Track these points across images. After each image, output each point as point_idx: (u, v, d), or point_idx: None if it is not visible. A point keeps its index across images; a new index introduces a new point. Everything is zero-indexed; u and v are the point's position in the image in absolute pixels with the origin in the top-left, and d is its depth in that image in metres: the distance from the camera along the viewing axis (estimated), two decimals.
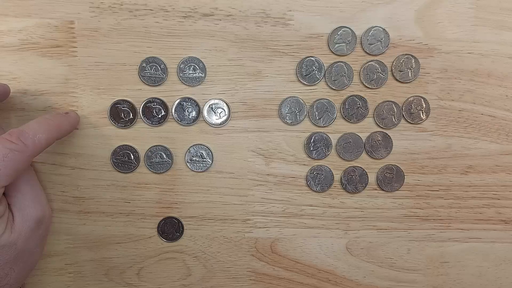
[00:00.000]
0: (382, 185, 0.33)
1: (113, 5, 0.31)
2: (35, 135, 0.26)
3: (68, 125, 0.30)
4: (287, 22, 0.32)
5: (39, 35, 0.31)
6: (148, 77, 0.31)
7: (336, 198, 0.33)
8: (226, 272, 0.34)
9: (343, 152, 0.33)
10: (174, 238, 0.33)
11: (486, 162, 0.34)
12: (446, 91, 0.33)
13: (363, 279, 0.34)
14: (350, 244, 0.34)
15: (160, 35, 0.31)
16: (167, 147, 0.32)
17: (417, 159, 0.33)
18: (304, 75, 0.32)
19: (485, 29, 0.33)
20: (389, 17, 0.32)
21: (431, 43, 0.32)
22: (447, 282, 0.35)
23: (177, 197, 0.33)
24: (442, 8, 0.32)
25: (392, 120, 0.33)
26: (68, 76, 0.31)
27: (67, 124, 0.30)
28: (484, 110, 0.33)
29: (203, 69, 0.31)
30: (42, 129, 0.27)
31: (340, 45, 0.32)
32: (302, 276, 0.34)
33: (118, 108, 0.31)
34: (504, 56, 0.33)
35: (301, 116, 0.32)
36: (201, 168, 0.32)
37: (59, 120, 0.29)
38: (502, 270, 0.35)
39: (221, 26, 0.31)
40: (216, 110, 0.32)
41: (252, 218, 0.33)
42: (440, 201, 0.34)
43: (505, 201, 0.34)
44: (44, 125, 0.27)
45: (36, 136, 0.26)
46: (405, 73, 0.32)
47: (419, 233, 0.34)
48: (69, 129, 0.30)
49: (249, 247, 0.33)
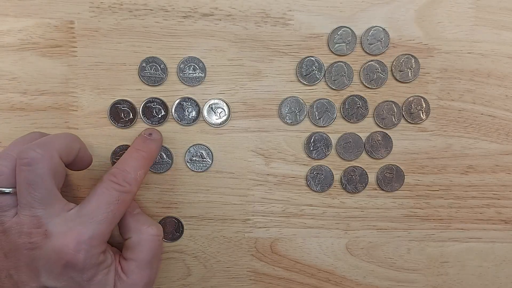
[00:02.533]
0: (382, 185, 0.33)
1: (113, 5, 0.31)
2: (136, 173, 0.27)
3: (157, 149, 0.30)
4: (287, 22, 0.32)
5: (39, 35, 0.31)
6: (148, 77, 0.31)
7: (336, 198, 0.33)
8: (226, 272, 0.34)
9: (343, 152, 0.33)
10: (174, 238, 0.33)
11: (486, 162, 0.34)
12: (446, 91, 0.33)
13: (363, 279, 0.34)
14: (350, 244, 0.34)
15: (160, 35, 0.31)
16: (167, 147, 0.32)
17: (417, 159, 0.33)
18: (304, 75, 0.32)
19: (485, 29, 0.33)
20: (389, 17, 0.32)
21: (431, 43, 0.32)
22: (447, 282, 0.35)
23: (177, 197, 0.33)
24: (442, 8, 0.32)
25: (392, 120, 0.33)
26: (68, 76, 0.31)
27: (156, 149, 0.30)
28: (484, 110, 0.33)
29: (203, 69, 0.31)
30: (139, 165, 0.28)
31: (340, 45, 0.32)
32: (302, 276, 0.34)
33: (118, 108, 0.31)
34: (504, 56, 0.33)
35: (301, 116, 0.32)
36: (201, 168, 0.32)
37: (149, 148, 0.29)
38: (502, 270, 0.35)
39: (221, 26, 0.31)
40: (216, 110, 0.32)
41: (252, 218, 0.33)
42: (440, 201, 0.34)
43: (505, 201, 0.34)
44: (140, 160, 0.28)
45: (137, 174, 0.27)
46: (405, 73, 0.32)
47: (419, 233, 0.34)
48: (158, 153, 0.31)
49: (249, 247, 0.33)
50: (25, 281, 0.24)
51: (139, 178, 0.27)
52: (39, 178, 0.24)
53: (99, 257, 0.26)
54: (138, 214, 0.29)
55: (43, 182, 0.24)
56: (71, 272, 0.25)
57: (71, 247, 0.24)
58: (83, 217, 0.25)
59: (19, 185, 0.24)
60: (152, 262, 0.28)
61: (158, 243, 0.28)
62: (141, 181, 0.28)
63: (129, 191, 0.26)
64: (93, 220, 0.25)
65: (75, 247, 0.24)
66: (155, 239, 0.28)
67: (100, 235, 0.25)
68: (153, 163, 0.30)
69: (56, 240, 0.24)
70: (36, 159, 0.24)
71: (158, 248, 0.28)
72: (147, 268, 0.28)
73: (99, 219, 0.25)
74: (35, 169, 0.24)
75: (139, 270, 0.27)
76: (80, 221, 0.25)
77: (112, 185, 0.26)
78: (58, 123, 0.31)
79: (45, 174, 0.24)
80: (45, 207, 0.24)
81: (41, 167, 0.24)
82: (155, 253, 0.28)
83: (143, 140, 0.30)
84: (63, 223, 0.25)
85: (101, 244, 0.26)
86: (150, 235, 0.28)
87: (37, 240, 0.24)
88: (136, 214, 0.29)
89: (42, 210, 0.24)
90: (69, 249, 0.24)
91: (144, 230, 0.28)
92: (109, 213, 0.25)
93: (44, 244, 0.24)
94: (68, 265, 0.24)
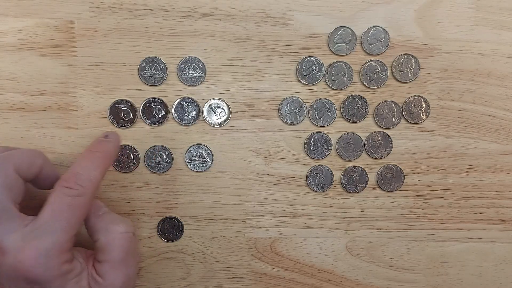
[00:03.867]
0: (382, 185, 0.33)
1: (113, 5, 0.31)
2: (89, 174, 0.26)
3: (113, 150, 0.29)
4: (287, 22, 0.32)
5: (39, 35, 0.31)
6: (148, 77, 0.31)
7: (336, 198, 0.33)
8: (226, 272, 0.34)
9: (343, 152, 0.33)
10: (174, 238, 0.33)
11: (486, 162, 0.34)
12: (446, 91, 0.33)
13: (363, 279, 0.34)
14: (350, 244, 0.34)
15: (160, 35, 0.31)
16: (167, 147, 0.32)
17: (417, 159, 0.33)
18: (304, 75, 0.32)
19: (485, 29, 0.33)
20: (389, 17, 0.32)
21: (431, 43, 0.32)
22: (447, 282, 0.35)
23: (177, 197, 0.33)
24: (442, 8, 0.32)
25: (392, 120, 0.33)
26: (68, 76, 0.31)
27: (112, 149, 0.29)
28: (484, 110, 0.33)
29: (203, 69, 0.31)
30: (93, 165, 0.26)
31: (340, 45, 0.32)
32: (302, 276, 0.34)
33: (118, 108, 0.31)
34: (504, 56, 0.33)
35: (301, 116, 0.32)
36: (201, 168, 0.32)
37: (104, 148, 0.28)
38: (502, 270, 0.35)
39: (221, 26, 0.31)
40: (216, 110, 0.32)
41: (252, 218, 0.33)
42: (440, 201, 0.34)
43: (505, 201, 0.34)
44: (94, 161, 0.27)
45: (91, 175, 0.26)
46: (405, 73, 0.32)
47: (419, 233, 0.34)
48: (116, 153, 0.29)
49: (249, 247, 0.33)
50: None
51: (94, 179, 0.26)
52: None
53: (61, 268, 0.24)
54: (104, 214, 0.28)
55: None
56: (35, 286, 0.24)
57: (27, 263, 0.23)
58: (37, 229, 0.24)
59: None
60: (126, 260, 0.27)
61: (128, 240, 0.27)
62: (97, 181, 0.26)
63: (83, 193, 0.25)
64: (47, 232, 0.24)
65: (31, 263, 0.23)
66: (125, 237, 0.27)
67: (57, 245, 0.24)
68: (110, 164, 0.28)
69: (13, 257, 0.23)
70: None
71: (130, 245, 0.27)
72: (122, 267, 0.26)
73: (53, 229, 0.24)
74: None
75: (114, 271, 0.26)
76: (34, 234, 0.24)
77: (63, 190, 0.25)
78: (58, 123, 0.31)
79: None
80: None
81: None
82: (127, 250, 0.27)
83: (98, 141, 0.29)
84: (19, 239, 0.23)
85: (60, 254, 0.24)
86: (119, 233, 0.26)
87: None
88: (102, 215, 0.28)
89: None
90: (26, 265, 0.23)
91: (111, 229, 0.27)
92: (63, 221, 0.24)
93: (1, 262, 0.23)
94: (29, 281, 0.23)
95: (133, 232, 0.27)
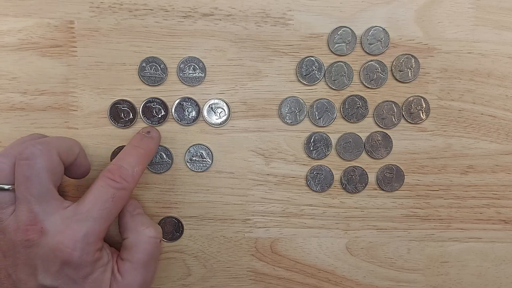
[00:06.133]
0: (382, 185, 0.33)
1: (113, 5, 0.31)
2: (133, 170, 0.27)
3: (155, 147, 0.30)
4: (287, 22, 0.32)
5: (39, 35, 0.31)
6: (148, 77, 0.31)
7: (336, 198, 0.33)
8: (226, 272, 0.34)
9: (343, 152, 0.33)
10: (174, 238, 0.33)
11: (486, 162, 0.34)
12: (446, 91, 0.33)
13: (363, 279, 0.34)
14: (350, 244, 0.34)
15: (160, 35, 0.31)
16: (167, 147, 0.32)
17: (417, 159, 0.33)
18: (304, 75, 0.32)
19: (485, 29, 0.33)
20: (389, 17, 0.32)
21: (431, 43, 0.32)
22: (447, 282, 0.35)
23: (177, 197, 0.33)
24: (442, 8, 0.32)
25: (392, 120, 0.33)
26: (68, 76, 0.31)
27: (154, 147, 0.30)
28: (484, 110, 0.33)
29: (203, 69, 0.31)
30: (137, 161, 0.27)
31: (340, 45, 0.32)
32: (302, 276, 0.34)
33: (118, 108, 0.31)
34: (504, 56, 0.33)
35: (301, 116, 0.32)
36: (201, 168, 0.32)
37: (147, 145, 0.29)
38: (502, 270, 0.35)
39: (221, 26, 0.31)
40: (216, 110, 0.32)
41: (252, 218, 0.33)
42: (440, 201, 0.34)
43: (505, 201, 0.34)
44: (137, 157, 0.28)
45: (134, 170, 0.27)
46: (405, 73, 0.32)
47: (419, 233, 0.34)
48: (156, 151, 0.30)
49: (249, 247, 0.33)
50: (24, 280, 0.25)
51: (136, 175, 0.27)
52: (36, 173, 0.24)
53: (95, 255, 0.25)
54: (138, 215, 0.29)
55: (40, 177, 0.24)
56: (67, 269, 0.25)
57: (66, 245, 0.24)
58: (78, 214, 0.25)
59: (17, 180, 0.25)
60: (148, 264, 0.28)
61: (155, 245, 0.28)
62: (138, 177, 0.27)
63: (125, 187, 0.26)
64: (88, 218, 0.25)
65: (70, 245, 0.24)
66: (152, 241, 0.28)
67: (96, 232, 0.25)
68: (151, 160, 0.30)
69: (52, 238, 0.24)
70: (35, 154, 0.24)
71: (155, 250, 0.28)
72: (142, 269, 0.27)
73: (94, 217, 0.25)
74: (33, 164, 0.24)
75: (134, 271, 0.27)
76: (75, 218, 0.25)
77: (108, 181, 0.26)
78: (58, 123, 0.31)
79: (42, 169, 0.24)
80: (41, 203, 0.24)
81: (39, 162, 0.24)
82: (151, 255, 0.28)
83: (141, 137, 0.30)
84: (59, 221, 0.25)
85: (97, 241, 0.26)
86: (147, 237, 0.28)
87: (33, 237, 0.24)
88: (136, 215, 0.29)
89: (38, 206, 0.24)
90: (65, 246, 0.24)
91: (141, 231, 0.28)
92: (104, 210, 0.25)
93: (40, 242, 0.24)
94: (64, 262, 0.24)
95: (160, 238, 0.29)
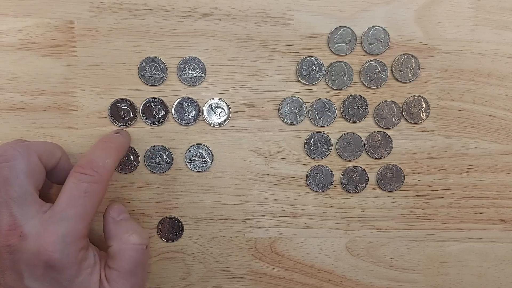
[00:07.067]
0: (382, 185, 0.33)
1: (113, 5, 0.31)
2: (104, 162, 0.26)
3: (125, 143, 0.30)
4: (287, 22, 0.32)
5: (38, 35, 0.31)
6: (148, 76, 0.31)
7: (336, 198, 0.33)
8: (226, 272, 0.34)
9: (343, 152, 0.33)
10: (174, 238, 0.33)
11: (486, 162, 0.34)
12: (446, 91, 0.33)
13: (363, 279, 0.34)
14: (350, 244, 0.34)
15: (160, 35, 0.31)
16: (167, 147, 0.32)
17: (417, 159, 0.33)
18: (304, 75, 0.32)
19: (485, 29, 0.33)
20: (389, 17, 0.32)
21: (431, 43, 0.32)
22: (447, 282, 0.35)
23: (177, 197, 0.33)
24: (442, 8, 0.32)
25: (392, 120, 0.33)
26: (68, 76, 0.31)
27: (124, 142, 0.30)
28: (484, 110, 0.33)
29: (203, 69, 0.31)
30: (107, 154, 0.27)
31: (340, 45, 0.32)
32: (302, 276, 0.34)
33: (118, 107, 0.31)
34: (504, 56, 0.33)
35: (301, 116, 0.32)
36: (201, 168, 0.32)
37: (117, 140, 0.29)
38: (502, 270, 0.35)
39: (221, 26, 0.31)
40: (216, 110, 0.32)
41: (252, 218, 0.33)
42: (440, 201, 0.34)
43: (505, 201, 0.34)
44: (107, 151, 0.27)
45: (105, 162, 0.26)
46: (405, 73, 0.32)
47: (419, 233, 0.34)
48: (126, 147, 0.30)
49: (249, 247, 0.33)
50: (12, 285, 0.24)
51: (108, 166, 0.26)
52: (15, 175, 0.24)
53: (78, 255, 0.25)
54: (121, 221, 0.28)
55: (20, 179, 0.24)
56: (52, 272, 0.24)
57: (46, 248, 0.24)
58: (54, 216, 0.24)
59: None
60: (135, 272, 0.27)
61: (140, 252, 0.27)
62: (111, 170, 0.27)
63: (98, 180, 0.26)
64: (63, 217, 0.24)
65: (50, 248, 0.24)
66: (137, 248, 0.27)
67: (73, 231, 0.25)
68: (122, 156, 0.29)
69: (32, 242, 0.24)
70: (14, 156, 0.24)
71: (141, 257, 0.27)
72: (129, 277, 0.26)
73: (70, 215, 0.25)
74: (12, 165, 0.24)
75: (122, 280, 0.26)
76: (51, 220, 0.24)
77: (79, 177, 0.25)
78: (58, 123, 0.31)
79: (21, 171, 0.24)
80: (21, 206, 0.24)
81: (18, 164, 0.24)
82: (137, 263, 0.27)
83: (110, 135, 0.30)
84: (38, 224, 0.24)
85: (76, 241, 0.25)
86: (131, 244, 0.27)
87: (14, 242, 0.24)
88: (120, 221, 0.28)
89: (18, 209, 0.24)
90: (45, 249, 0.24)
91: (124, 239, 0.27)
92: (79, 207, 0.25)
93: (21, 246, 0.24)
94: (47, 266, 0.24)
95: (146, 244, 0.28)
